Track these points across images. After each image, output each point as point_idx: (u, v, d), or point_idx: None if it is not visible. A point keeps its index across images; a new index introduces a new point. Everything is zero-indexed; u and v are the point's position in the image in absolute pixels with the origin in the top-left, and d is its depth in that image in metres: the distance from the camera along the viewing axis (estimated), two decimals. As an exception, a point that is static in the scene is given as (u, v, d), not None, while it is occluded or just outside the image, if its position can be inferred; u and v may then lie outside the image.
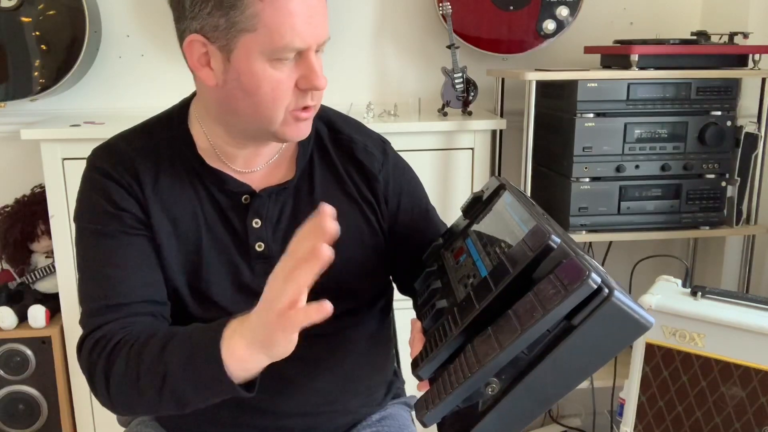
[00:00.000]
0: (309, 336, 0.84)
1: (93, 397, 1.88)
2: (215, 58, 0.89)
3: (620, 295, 0.63)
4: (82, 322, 0.94)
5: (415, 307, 0.95)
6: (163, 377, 0.83)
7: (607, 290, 0.63)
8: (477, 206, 1.00)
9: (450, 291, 0.86)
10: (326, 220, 0.73)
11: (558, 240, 0.70)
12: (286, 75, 0.89)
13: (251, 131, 0.95)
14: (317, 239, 0.72)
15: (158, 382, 0.83)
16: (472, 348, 0.71)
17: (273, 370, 0.94)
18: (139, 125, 1.04)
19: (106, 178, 0.95)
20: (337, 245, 0.99)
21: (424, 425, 0.73)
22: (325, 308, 0.73)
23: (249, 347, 0.79)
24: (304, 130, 0.95)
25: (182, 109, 1.02)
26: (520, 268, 0.71)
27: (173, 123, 1.01)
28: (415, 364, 0.78)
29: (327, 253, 0.72)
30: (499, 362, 0.66)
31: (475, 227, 0.96)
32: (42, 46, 1.85)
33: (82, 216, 0.96)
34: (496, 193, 0.98)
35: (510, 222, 0.86)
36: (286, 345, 0.77)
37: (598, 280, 0.63)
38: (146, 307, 0.93)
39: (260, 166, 1.01)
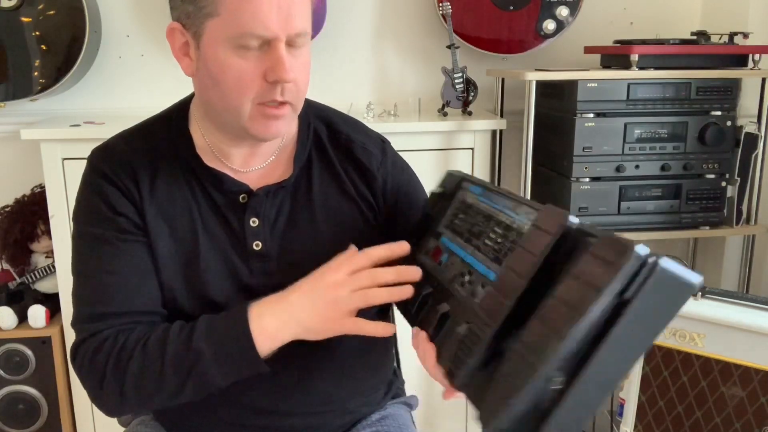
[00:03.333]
0: None
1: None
2: (192, 47, 0.90)
3: (666, 261, 0.62)
4: (77, 326, 0.94)
5: (406, 315, 0.93)
6: (193, 363, 0.87)
7: (653, 257, 0.62)
8: (440, 203, 0.98)
9: (446, 293, 0.85)
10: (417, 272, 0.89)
11: (576, 219, 0.70)
12: (253, 65, 0.86)
13: (228, 127, 0.94)
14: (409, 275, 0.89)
15: (186, 369, 0.87)
16: (523, 344, 0.68)
17: (272, 369, 0.94)
18: (141, 124, 1.03)
19: (105, 181, 0.95)
20: (334, 244, 0.99)
21: None
22: (390, 329, 0.89)
23: (283, 326, 0.88)
24: (274, 129, 0.92)
25: (182, 107, 1.02)
26: (543, 253, 0.70)
27: (173, 122, 1.01)
28: (452, 375, 0.75)
29: (410, 293, 0.88)
30: (562, 353, 0.63)
31: (445, 224, 0.94)
32: (42, 46, 1.85)
33: (81, 218, 0.97)
34: (458, 187, 0.96)
35: (490, 211, 0.86)
36: (331, 335, 0.89)
37: (646, 249, 0.63)
38: (146, 317, 0.94)
39: (258, 166, 1.00)
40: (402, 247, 0.91)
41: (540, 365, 0.63)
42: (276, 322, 0.88)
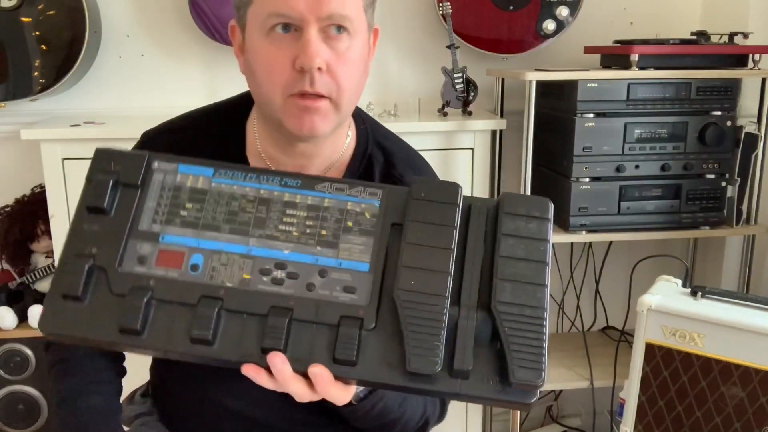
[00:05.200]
0: None
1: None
2: (243, 41, 0.87)
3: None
4: None
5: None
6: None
7: None
8: (114, 194, 0.72)
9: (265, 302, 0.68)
10: None
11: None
12: (283, 51, 0.81)
13: (273, 124, 0.88)
14: None
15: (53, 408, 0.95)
16: (508, 305, 0.67)
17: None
18: (197, 112, 0.98)
19: None
20: None
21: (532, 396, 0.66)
22: None
23: None
24: (308, 123, 0.83)
25: (245, 101, 0.94)
26: (456, 223, 0.70)
27: (232, 116, 0.95)
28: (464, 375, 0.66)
29: None
30: (546, 298, 0.69)
31: (161, 220, 0.72)
32: (42, 46, 1.85)
33: None
34: (148, 171, 0.74)
35: (270, 195, 0.73)
36: None
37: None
38: None
39: None
40: None
41: (543, 313, 0.67)
42: None
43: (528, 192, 1.86)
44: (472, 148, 1.88)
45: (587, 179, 1.83)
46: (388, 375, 0.65)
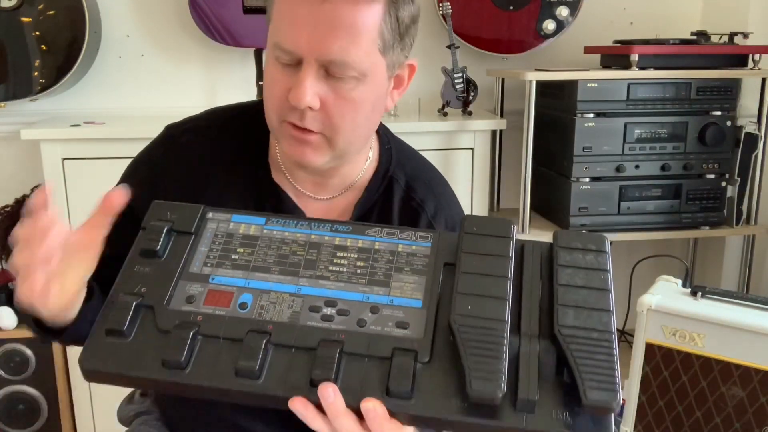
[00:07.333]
0: None
1: (93, 397, 1.88)
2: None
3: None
4: None
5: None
6: None
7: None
8: (167, 240, 0.75)
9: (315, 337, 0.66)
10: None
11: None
12: (284, 79, 0.81)
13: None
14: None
15: None
16: (573, 328, 0.64)
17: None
18: (230, 108, 0.97)
19: (152, 170, 0.93)
20: None
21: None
22: None
23: None
24: (299, 152, 0.83)
25: None
26: (511, 254, 0.70)
27: (257, 119, 0.92)
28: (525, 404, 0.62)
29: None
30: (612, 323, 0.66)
31: (210, 263, 0.74)
32: (42, 46, 1.85)
33: (122, 177, 0.96)
34: (202, 219, 0.77)
35: (320, 240, 0.75)
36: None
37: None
38: None
39: (325, 196, 0.93)
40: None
41: (611, 336, 0.63)
42: None
43: (527, 192, 1.86)
44: (472, 148, 1.88)
45: (587, 179, 1.83)
46: (446, 409, 0.61)
